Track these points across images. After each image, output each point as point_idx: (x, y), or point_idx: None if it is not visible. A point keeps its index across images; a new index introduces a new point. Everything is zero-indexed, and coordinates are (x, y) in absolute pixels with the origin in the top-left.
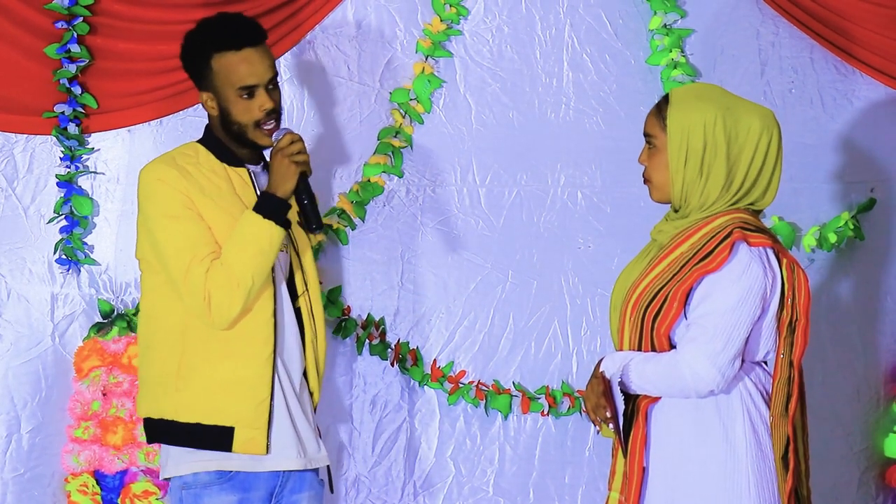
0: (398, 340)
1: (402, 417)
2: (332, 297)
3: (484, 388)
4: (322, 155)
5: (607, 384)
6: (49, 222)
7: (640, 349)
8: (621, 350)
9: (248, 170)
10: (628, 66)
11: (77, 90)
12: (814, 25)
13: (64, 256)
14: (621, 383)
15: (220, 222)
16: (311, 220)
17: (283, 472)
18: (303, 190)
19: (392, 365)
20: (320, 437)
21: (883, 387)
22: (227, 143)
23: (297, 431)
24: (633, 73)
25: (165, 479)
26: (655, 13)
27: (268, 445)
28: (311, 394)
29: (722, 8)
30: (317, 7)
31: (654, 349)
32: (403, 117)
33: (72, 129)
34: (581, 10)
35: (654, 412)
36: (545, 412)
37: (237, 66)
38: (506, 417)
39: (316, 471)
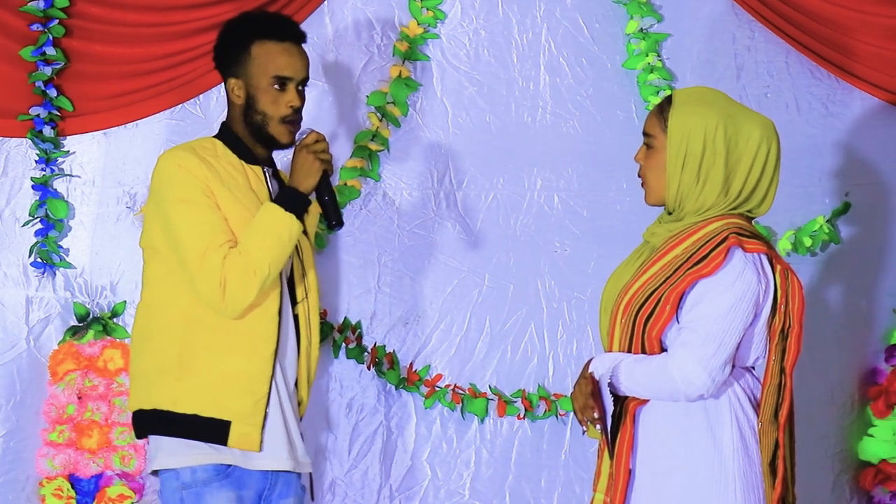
0: (375, 344)
1: (378, 421)
2: None
3: (460, 391)
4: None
5: (596, 385)
6: (24, 225)
7: (630, 351)
8: (611, 352)
9: (263, 169)
10: (605, 70)
11: (52, 93)
12: (789, 30)
13: (39, 260)
14: (610, 384)
15: (236, 215)
16: (332, 217)
17: (273, 473)
18: (324, 187)
19: (368, 368)
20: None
21: (857, 390)
22: (245, 138)
23: (289, 433)
24: (609, 77)
25: (154, 471)
26: (632, 17)
27: (261, 443)
28: (299, 402)
29: (698, 12)
30: (294, 10)
31: (644, 352)
32: (380, 121)
33: (47, 131)
34: (558, 14)
35: (642, 414)
36: (521, 415)
37: (278, 55)
38: (482, 421)
39: (300, 476)
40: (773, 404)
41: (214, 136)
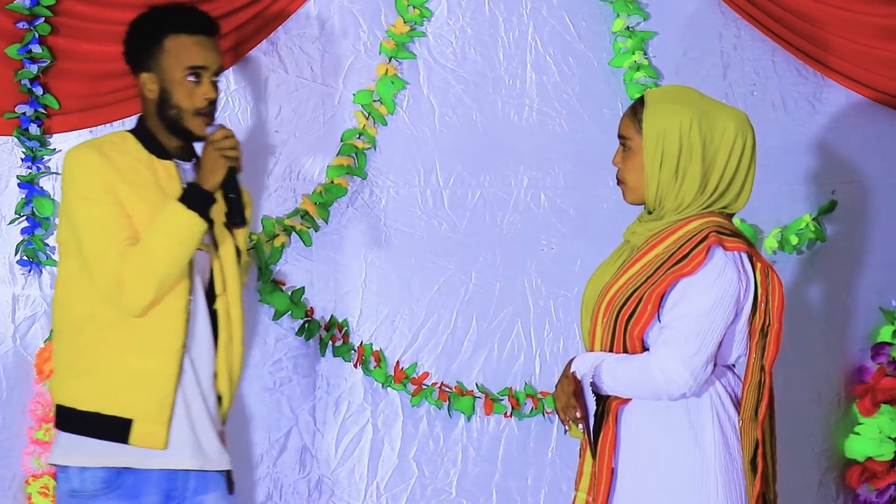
0: (361, 342)
1: (365, 419)
2: (295, 299)
3: (447, 389)
4: (285, 156)
5: (578, 384)
6: (10, 223)
7: (611, 351)
8: (592, 351)
9: (175, 164)
10: (591, 68)
11: (38, 91)
12: (776, 28)
13: (25, 258)
14: (593, 384)
15: (139, 212)
16: (235, 216)
17: (181, 472)
18: (230, 185)
19: (355, 366)
20: (224, 443)
21: (844, 388)
22: (159, 133)
23: (195, 431)
24: (595, 75)
25: (51, 464)
26: (618, 15)
27: (167, 441)
28: (219, 398)
29: (684, 10)
30: (280, 8)
31: (626, 351)
32: (367, 119)
33: (33, 129)
34: (544, 12)
35: (625, 413)
36: (508, 413)
37: (191, 46)
38: (469, 419)
39: (224, 473)
40: (754, 402)
41: (129, 131)
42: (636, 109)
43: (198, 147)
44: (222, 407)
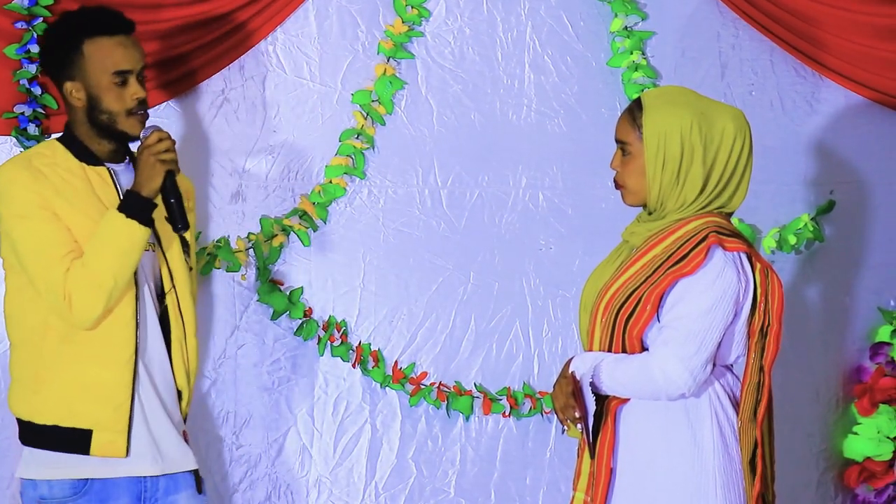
0: (360, 342)
1: (363, 419)
2: (294, 299)
3: (445, 389)
4: (283, 156)
5: (577, 384)
6: None
7: (610, 351)
8: (591, 351)
9: (108, 169)
10: (589, 69)
11: (37, 91)
12: (774, 28)
13: None
14: (591, 384)
15: (77, 224)
16: (178, 221)
17: (148, 477)
18: (169, 189)
19: (354, 366)
20: (187, 441)
21: (842, 388)
22: (88, 139)
23: (153, 437)
24: (594, 76)
25: (20, 478)
26: (616, 15)
27: (128, 448)
28: (179, 392)
29: (683, 10)
30: (278, 8)
31: (625, 351)
32: (365, 119)
33: (32, 129)
34: (542, 12)
35: (623, 413)
36: (507, 413)
37: (113, 49)
38: (467, 419)
39: (192, 472)
40: (753, 403)
41: (57, 139)
42: (634, 113)
43: (133, 146)
44: (182, 402)
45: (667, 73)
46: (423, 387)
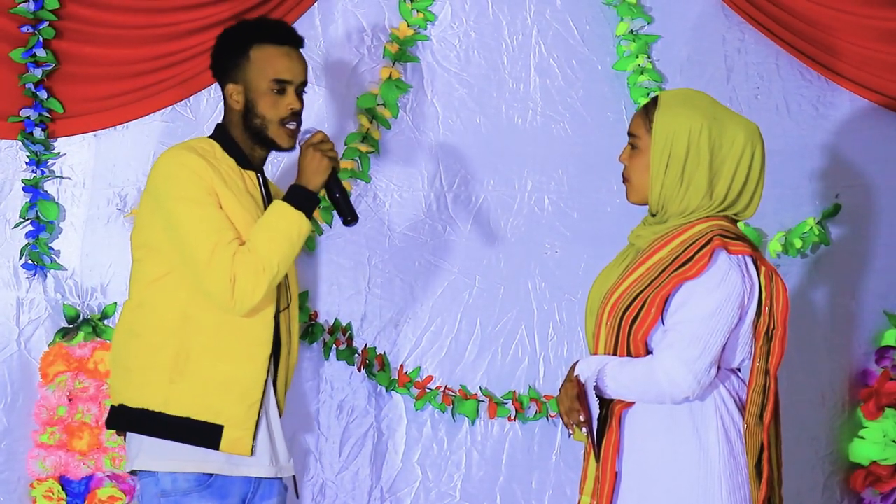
0: (365, 346)
1: (368, 423)
2: (300, 303)
3: (451, 393)
4: (290, 160)
5: (582, 388)
6: (15, 227)
7: (615, 354)
8: (596, 354)
9: (256, 175)
10: (595, 72)
11: (43, 94)
12: (780, 32)
13: (30, 261)
14: (596, 387)
15: (238, 217)
16: (346, 213)
17: (255, 478)
18: (334, 184)
19: (359, 370)
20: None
21: (848, 392)
22: (242, 143)
23: (272, 439)
24: (599, 79)
25: (132, 471)
26: (622, 19)
27: (253, 448)
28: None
29: (688, 14)
30: (284, 12)
31: (630, 354)
32: (371, 122)
33: (38, 133)
34: (548, 15)
35: (628, 417)
36: (512, 417)
37: (278, 58)
38: (473, 423)
39: (281, 479)
40: (759, 406)
41: (211, 138)
42: (648, 109)
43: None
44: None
45: (672, 77)
46: (428, 390)
